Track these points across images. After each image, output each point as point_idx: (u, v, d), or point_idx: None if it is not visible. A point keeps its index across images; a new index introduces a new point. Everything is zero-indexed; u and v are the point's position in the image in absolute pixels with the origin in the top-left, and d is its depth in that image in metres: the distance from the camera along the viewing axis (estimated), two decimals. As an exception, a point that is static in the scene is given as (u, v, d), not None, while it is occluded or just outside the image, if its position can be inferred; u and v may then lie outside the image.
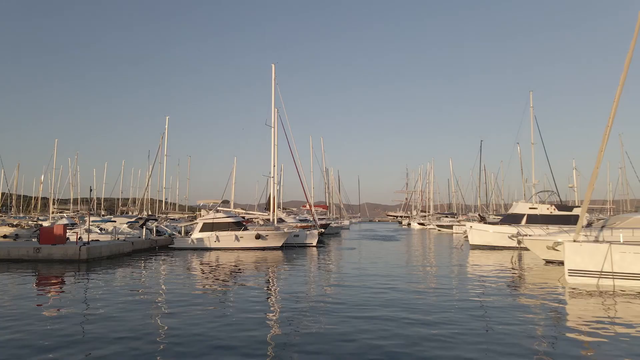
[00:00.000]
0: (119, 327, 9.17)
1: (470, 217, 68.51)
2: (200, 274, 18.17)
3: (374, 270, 19.03)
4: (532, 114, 42.45)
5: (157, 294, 13.32)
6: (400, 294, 13.05)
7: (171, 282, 15.99)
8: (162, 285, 15.07)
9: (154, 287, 14.62)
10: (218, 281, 16.16)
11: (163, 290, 14.27)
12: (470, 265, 20.70)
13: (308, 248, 31.40)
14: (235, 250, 29.17)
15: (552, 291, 13.63)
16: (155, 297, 12.83)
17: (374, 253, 27.79)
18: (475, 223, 31.66)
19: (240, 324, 9.48)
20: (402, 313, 10.49)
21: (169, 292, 13.85)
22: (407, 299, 12.30)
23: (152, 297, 12.74)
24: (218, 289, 14.36)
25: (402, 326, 9.22)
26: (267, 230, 29.64)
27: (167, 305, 11.59)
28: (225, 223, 29.78)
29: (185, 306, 11.37)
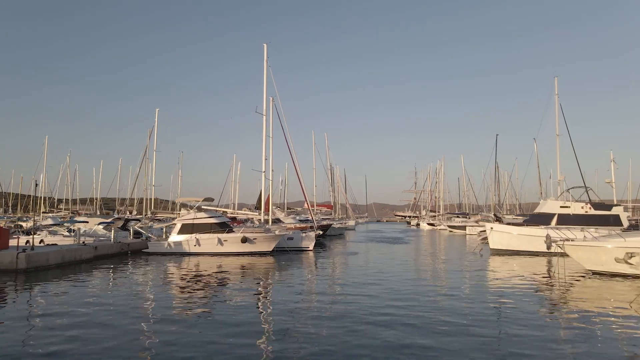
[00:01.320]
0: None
1: (484, 217, 64.06)
2: (170, 287, 14.65)
3: (379, 286, 14.93)
4: (557, 102, 38.01)
5: (101, 317, 9.70)
6: (413, 331, 8.94)
7: (129, 297, 12.36)
8: (112, 304, 11.48)
9: (101, 308, 10.95)
10: (189, 296, 12.77)
11: (113, 310, 10.82)
12: (500, 278, 16.51)
13: (303, 253, 27.39)
14: (218, 255, 25.23)
15: (631, 323, 9.45)
16: (99, 319, 9.07)
17: (380, 260, 23.68)
18: (496, 224, 27.43)
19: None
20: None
21: (120, 312, 10.43)
22: (424, 333, 8.21)
23: (90, 322, 8.82)
24: (187, 307, 11.00)
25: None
26: (255, 233, 25.66)
27: (108, 330, 7.76)
28: (206, 224, 25.86)
29: (131, 333, 7.80)
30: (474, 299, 12.35)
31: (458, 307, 11.30)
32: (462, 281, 15.70)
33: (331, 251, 29.23)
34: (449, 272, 18.41)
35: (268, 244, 25.99)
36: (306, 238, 28.43)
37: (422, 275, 17.47)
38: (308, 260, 23.47)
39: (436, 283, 15.27)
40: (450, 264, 21.56)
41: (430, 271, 18.67)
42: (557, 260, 20.64)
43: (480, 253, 27.09)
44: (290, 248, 27.94)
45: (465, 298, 12.48)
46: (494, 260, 23.24)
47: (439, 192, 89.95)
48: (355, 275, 17.49)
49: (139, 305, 11.43)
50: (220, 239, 25.27)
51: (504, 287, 14.45)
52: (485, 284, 14.99)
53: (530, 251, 26.04)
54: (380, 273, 17.93)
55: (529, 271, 18.55)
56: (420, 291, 13.69)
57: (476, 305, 11.42)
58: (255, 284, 15.60)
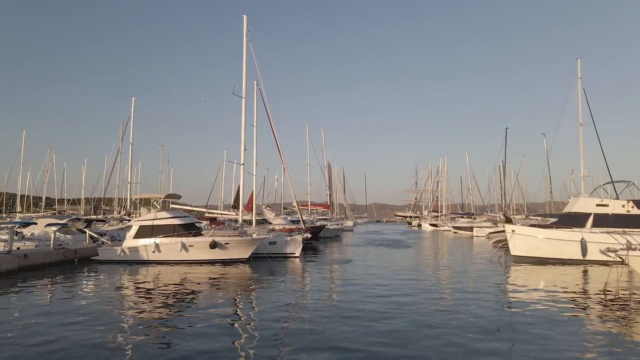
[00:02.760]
0: None
1: (491, 218, 59.58)
2: (102, 310, 10.78)
3: (377, 315, 10.43)
4: (581, 86, 33.46)
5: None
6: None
7: (31, 331, 8.04)
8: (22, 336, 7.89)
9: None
10: (126, 324, 9.46)
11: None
12: (542, 300, 12.00)
13: (288, 260, 22.93)
14: (183, 263, 20.77)
15: None
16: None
17: (379, 271, 19.21)
18: (518, 226, 22.95)
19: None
20: None
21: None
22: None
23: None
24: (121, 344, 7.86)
25: None
26: (227, 237, 21.17)
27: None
28: (168, 226, 21.36)
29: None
30: (513, 336, 7.88)
31: (490, 349, 6.91)
32: (491, 306, 11.21)
33: (322, 258, 24.76)
34: (467, 292, 13.92)
35: (243, 250, 21.51)
36: (292, 242, 23.96)
37: (433, 296, 12.98)
38: (291, 271, 19.05)
39: (453, 309, 10.80)
40: (466, 277, 17.08)
41: (442, 290, 14.18)
42: (610, 272, 16.07)
43: (499, 261, 22.62)
44: (272, 254, 23.49)
45: (501, 336, 8.01)
46: (520, 271, 18.75)
47: (443, 191, 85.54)
48: (349, 293, 13.02)
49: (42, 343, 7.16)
50: (184, 244, 20.79)
51: (553, 313, 9.97)
52: (528, 310, 10.51)
53: (561, 259, 21.58)
54: (379, 291, 13.45)
55: (572, 286, 14.07)
56: (433, 323, 9.23)
57: (520, 348, 6.97)
58: (221, 302, 11.85)
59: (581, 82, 33.68)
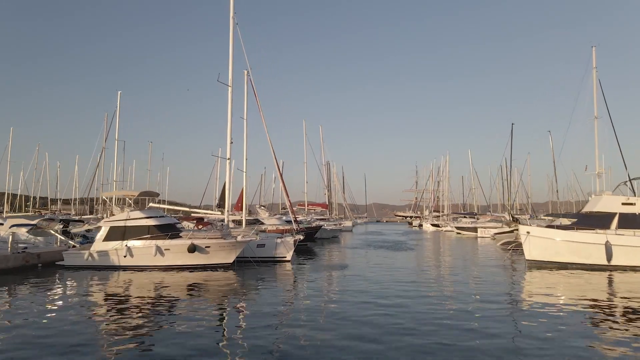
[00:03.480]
0: None
1: (496, 218, 57.23)
2: (69, 326, 8.97)
3: (379, 332, 8.09)
4: (596, 77, 31.16)
5: None
6: None
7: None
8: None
9: None
10: (89, 339, 7.76)
11: None
12: (568, 313, 9.67)
13: (278, 265, 20.63)
14: (158, 269, 18.46)
15: None
16: None
17: (380, 278, 16.88)
18: (534, 227, 20.60)
19: None
20: None
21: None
22: None
23: None
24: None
25: None
26: (208, 239, 18.85)
27: None
28: (142, 227, 19.01)
29: None
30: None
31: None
32: (511, 322, 8.89)
33: (317, 262, 22.43)
34: (481, 305, 11.59)
35: (226, 254, 19.19)
36: (282, 245, 21.63)
37: (442, 308, 10.66)
38: (281, 277, 16.76)
39: (465, 326, 8.47)
40: (478, 284, 14.74)
41: (453, 302, 11.85)
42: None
43: (512, 266, 20.30)
44: (260, 258, 21.17)
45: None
46: (537, 278, 16.43)
47: (444, 191, 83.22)
48: (345, 306, 10.70)
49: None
50: (159, 248, 18.46)
51: (586, 330, 7.66)
52: (551, 324, 8.19)
53: (583, 264, 19.25)
54: (380, 305, 11.13)
55: (599, 295, 11.74)
56: (445, 344, 6.93)
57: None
58: (197, 315, 9.85)
59: (596, 72, 31.42)
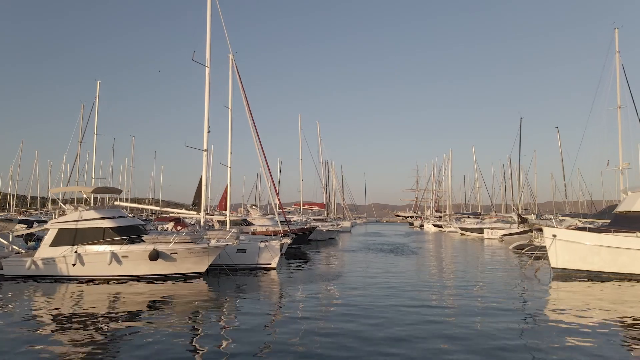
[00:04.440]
0: None
1: (503, 218, 54.15)
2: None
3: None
4: (619, 61, 28.19)
5: None
6: None
7: None
8: None
9: None
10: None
11: None
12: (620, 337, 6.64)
13: (260, 274, 17.59)
14: (115, 280, 15.41)
15: None
16: None
17: (379, 289, 13.82)
18: (561, 230, 17.54)
19: None
20: None
21: None
22: None
23: None
24: None
25: None
26: (176, 244, 15.77)
27: None
28: (96, 230, 15.94)
29: None
30: None
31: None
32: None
33: (309, 269, 19.37)
34: (506, 332, 8.54)
35: (197, 261, 16.13)
36: (266, 250, 18.58)
37: (462, 338, 7.63)
38: (263, 289, 13.77)
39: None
40: (499, 302, 11.70)
41: (474, 327, 8.79)
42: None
43: (536, 276, 17.24)
44: (240, 266, 18.12)
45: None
46: (571, 292, 13.38)
47: (447, 190, 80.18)
48: (341, 329, 7.67)
49: None
50: (115, 255, 15.38)
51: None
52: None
53: (622, 273, 16.21)
54: (383, 329, 8.10)
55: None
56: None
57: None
58: (150, 341, 7.19)
59: (619, 56, 28.42)
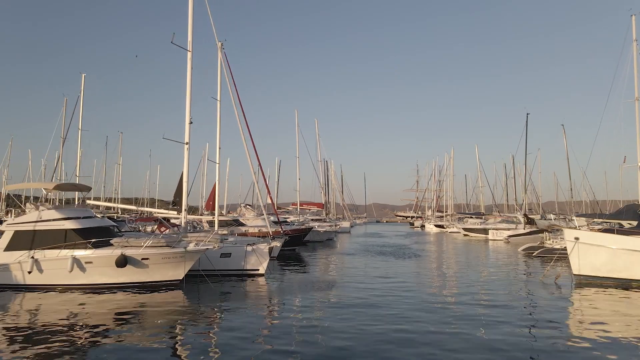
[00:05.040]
0: None
1: (508, 218, 52.22)
2: None
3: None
4: (636, 50, 26.27)
5: None
6: None
7: None
8: None
9: None
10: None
11: None
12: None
13: (246, 281, 15.69)
14: (77, 290, 13.50)
15: None
16: None
17: (381, 299, 11.90)
18: (584, 231, 15.62)
19: None
20: None
21: None
22: None
23: None
24: None
25: None
26: (148, 248, 13.85)
27: None
28: (57, 232, 13.99)
29: None
30: None
31: None
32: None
33: (302, 275, 17.45)
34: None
35: (173, 268, 14.20)
36: (253, 254, 16.67)
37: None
38: (249, 299, 11.91)
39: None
40: (518, 316, 9.79)
41: (492, 346, 6.88)
42: None
43: (555, 282, 15.34)
44: (223, 272, 16.21)
45: None
46: (593, 301, 11.47)
47: (448, 189, 78.27)
48: (340, 355, 5.79)
49: None
50: (78, 260, 13.46)
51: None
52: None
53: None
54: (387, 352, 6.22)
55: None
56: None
57: None
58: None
59: (637, 45, 26.51)
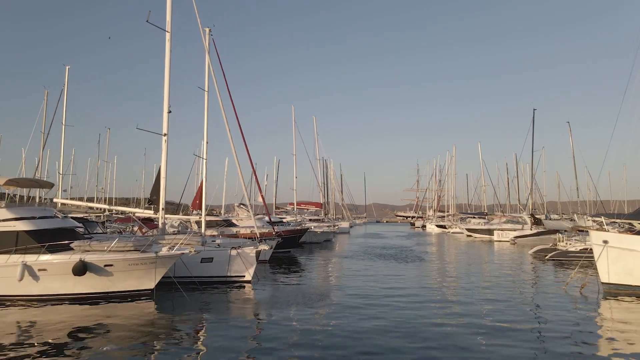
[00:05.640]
0: None
1: (513, 218, 50.35)
2: None
3: None
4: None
5: None
6: None
7: None
8: None
9: None
10: None
11: None
12: None
13: (230, 289, 13.82)
14: (31, 301, 11.63)
15: None
16: None
17: (379, 313, 10.02)
18: (614, 233, 13.74)
19: None
20: None
21: None
22: None
23: None
24: None
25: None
26: (113, 252, 11.96)
27: None
28: (6, 234, 12.09)
29: None
30: None
31: None
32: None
33: (291, 284, 15.57)
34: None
35: (142, 276, 12.29)
36: (239, 258, 14.78)
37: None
38: (232, 313, 10.07)
39: None
40: (547, 335, 7.93)
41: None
42: None
43: (581, 292, 13.47)
44: (204, 280, 14.33)
45: None
46: (627, 314, 9.60)
47: (450, 189, 76.31)
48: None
49: None
50: (29, 267, 11.58)
51: None
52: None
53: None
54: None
55: None
56: None
57: None
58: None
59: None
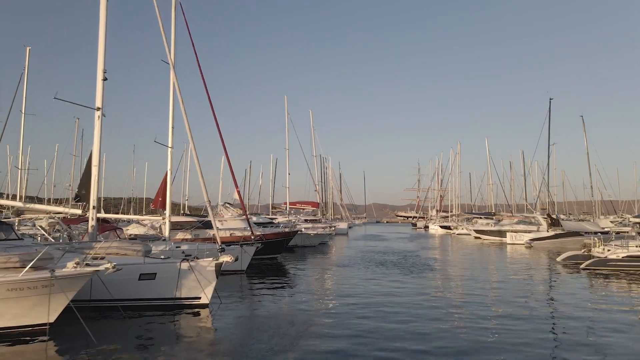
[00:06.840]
0: None
1: (525, 219, 46.52)
2: None
3: None
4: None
5: None
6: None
7: None
8: None
9: None
10: None
11: None
12: None
13: (179, 319, 10.01)
14: None
15: None
16: None
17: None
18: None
19: None
20: None
21: None
22: None
23: None
24: None
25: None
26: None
27: None
28: None
29: None
30: None
31: None
32: None
33: (265, 307, 11.76)
34: None
35: (33, 306, 8.46)
36: (192, 273, 10.94)
37: None
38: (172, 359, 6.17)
39: None
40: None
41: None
42: None
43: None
44: (142, 303, 10.53)
45: None
46: None
47: (454, 187, 72.55)
48: None
49: None
50: None
51: None
52: None
53: None
54: None
55: None
56: None
57: None
58: None
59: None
